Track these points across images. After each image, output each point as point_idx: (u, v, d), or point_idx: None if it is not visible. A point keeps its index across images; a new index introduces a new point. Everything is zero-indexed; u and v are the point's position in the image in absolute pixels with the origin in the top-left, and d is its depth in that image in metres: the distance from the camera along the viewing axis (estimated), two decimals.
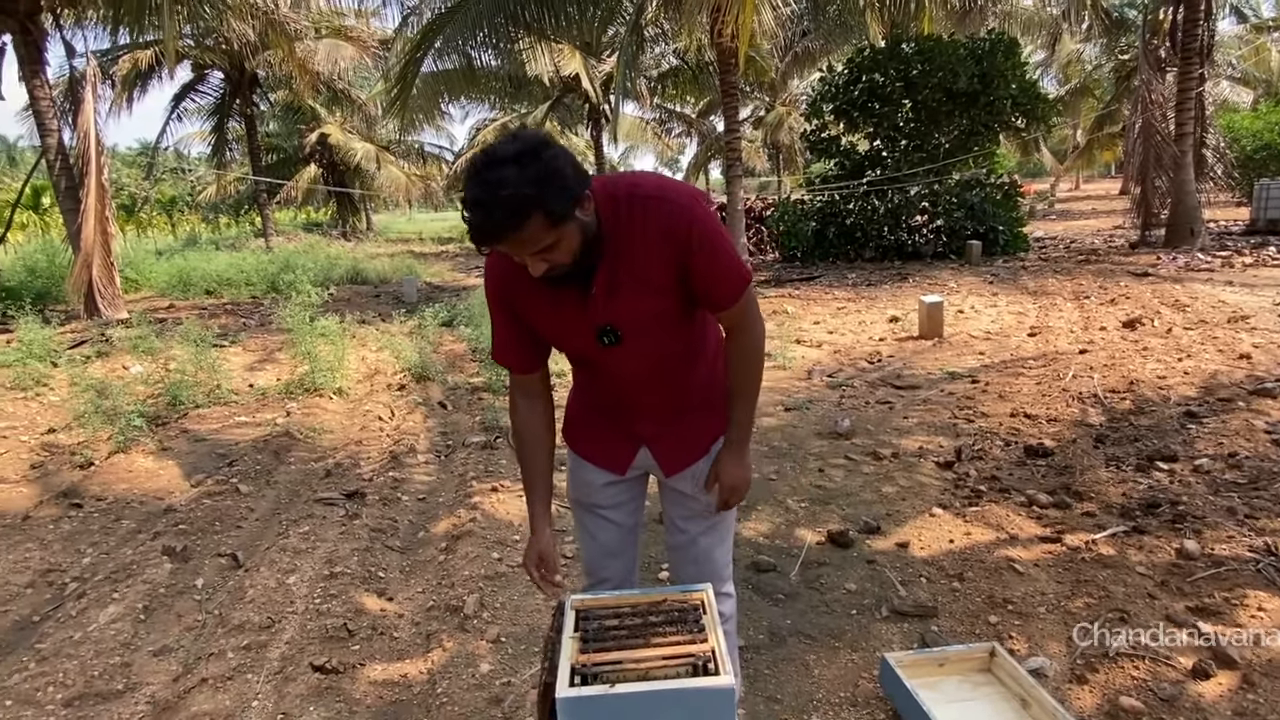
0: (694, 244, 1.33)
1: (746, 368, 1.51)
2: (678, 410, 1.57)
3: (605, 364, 1.48)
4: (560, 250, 1.24)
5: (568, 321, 1.42)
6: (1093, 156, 30.04)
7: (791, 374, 5.73)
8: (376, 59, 17.96)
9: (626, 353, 1.44)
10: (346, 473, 4.05)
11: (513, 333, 1.49)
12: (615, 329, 1.40)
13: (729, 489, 1.55)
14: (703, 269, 1.36)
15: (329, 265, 13.10)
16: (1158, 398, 4.45)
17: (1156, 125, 11.65)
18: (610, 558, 1.69)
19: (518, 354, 1.51)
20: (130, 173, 31.23)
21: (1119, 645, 2.19)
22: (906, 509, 3.26)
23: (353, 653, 2.41)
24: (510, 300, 1.45)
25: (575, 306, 1.38)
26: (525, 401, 1.56)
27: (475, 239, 1.19)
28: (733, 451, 1.55)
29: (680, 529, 1.66)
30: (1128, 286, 8.32)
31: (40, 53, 8.76)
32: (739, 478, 1.55)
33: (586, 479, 1.64)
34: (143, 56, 15.63)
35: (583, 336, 1.43)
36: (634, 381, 1.50)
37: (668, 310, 1.42)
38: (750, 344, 1.49)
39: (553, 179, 1.16)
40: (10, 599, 2.82)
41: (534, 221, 1.16)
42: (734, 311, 1.44)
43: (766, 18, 8.34)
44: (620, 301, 1.37)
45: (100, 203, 8.72)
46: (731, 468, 1.54)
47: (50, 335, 6.38)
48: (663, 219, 1.32)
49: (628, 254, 1.34)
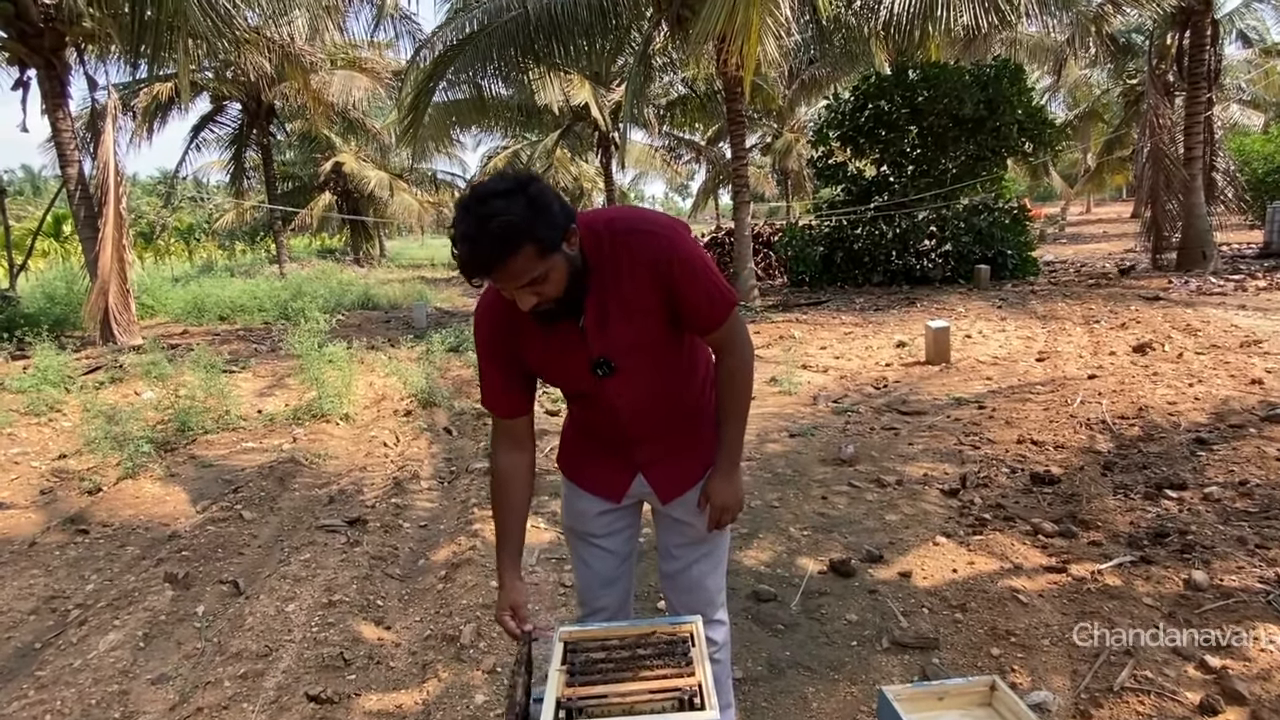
0: (676, 269, 1.36)
1: (735, 389, 1.53)
2: (673, 438, 1.58)
3: (600, 395, 1.50)
4: (549, 284, 1.27)
5: (562, 357, 1.44)
6: (1103, 180, 30.03)
7: (797, 399, 5.71)
8: (390, 89, 18.27)
9: (621, 383, 1.46)
10: (350, 499, 4.06)
11: (501, 378, 1.50)
12: (609, 360, 1.42)
13: (720, 509, 1.55)
14: (686, 293, 1.39)
15: (340, 291, 13.25)
16: (1168, 424, 4.40)
17: (1165, 149, 11.64)
18: (605, 586, 1.68)
19: (506, 399, 1.52)
20: (150, 201, 31.83)
21: (1124, 680, 2.14)
22: (910, 537, 3.22)
23: (348, 682, 2.40)
24: (503, 342, 1.46)
25: (568, 342, 1.41)
26: (508, 448, 1.55)
27: (466, 271, 1.22)
28: (723, 471, 1.55)
29: (674, 556, 1.66)
30: (1138, 311, 8.26)
31: (63, 86, 9.00)
32: (730, 497, 1.55)
33: (581, 508, 1.64)
34: (162, 89, 16.00)
35: (578, 370, 1.45)
36: (629, 411, 1.51)
37: (657, 338, 1.44)
38: (738, 365, 1.51)
39: (540, 212, 1.20)
40: (14, 625, 2.84)
41: (524, 253, 1.20)
42: (720, 334, 1.47)
43: (771, 47, 8.43)
44: (611, 332, 1.40)
45: (118, 231, 8.89)
46: (722, 487, 1.55)
47: (65, 361, 6.47)
48: (645, 249, 1.36)
49: (614, 286, 1.37)
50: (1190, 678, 2.14)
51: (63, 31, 8.73)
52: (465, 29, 10.49)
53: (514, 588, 1.52)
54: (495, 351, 1.48)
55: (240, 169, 21.04)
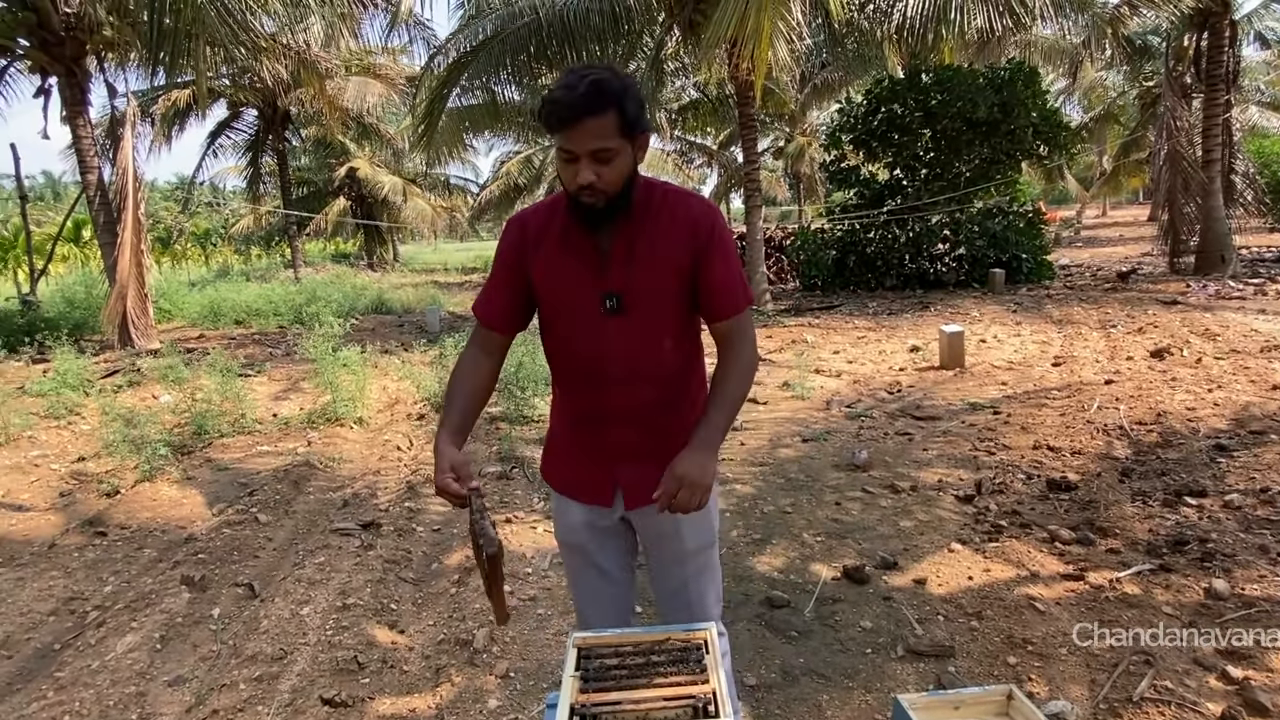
0: (713, 241, 1.43)
1: (732, 376, 1.44)
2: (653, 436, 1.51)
3: (596, 341, 1.45)
4: (611, 169, 1.33)
5: (575, 281, 1.45)
6: (1119, 183, 29.75)
7: (809, 404, 5.69)
8: (404, 95, 18.43)
9: (621, 328, 1.44)
10: (364, 503, 4.08)
11: (506, 292, 1.52)
12: (621, 297, 1.43)
13: (678, 479, 1.33)
14: (712, 267, 1.43)
15: (354, 295, 13.35)
16: (1186, 430, 4.35)
17: (1183, 151, 11.53)
18: (602, 604, 1.65)
19: (500, 310, 1.53)
20: (167, 206, 32.24)
21: (1144, 690, 2.12)
22: (925, 544, 3.20)
23: (362, 686, 2.41)
24: (521, 256, 1.49)
25: (589, 270, 1.44)
26: (477, 351, 1.54)
27: (555, 116, 1.29)
28: (695, 445, 1.37)
29: (669, 574, 1.61)
30: (1156, 315, 8.18)
31: (84, 94, 9.13)
32: (695, 470, 1.33)
33: (571, 521, 1.61)
34: (180, 96, 16.22)
35: (586, 299, 1.44)
36: (618, 371, 1.46)
37: (671, 295, 1.45)
38: (741, 358, 1.45)
39: (631, 92, 1.32)
40: (34, 626, 2.87)
41: (608, 116, 1.29)
42: (730, 325, 1.46)
43: (783, 51, 8.43)
44: (633, 270, 1.42)
45: (136, 237, 9.00)
46: (688, 458, 1.35)
47: (84, 365, 6.56)
48: (689, 210, 1.44)
49: (649, 231, 1.43)
50: (1211, 688, 2.11)
51: (83, 40, 8.87)
52: (479, 35, 10.57)
53: (452, 452, 1.39)
54: (510, 262, 1.50)
55: (256, 174, 21.27)
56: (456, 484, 1.36)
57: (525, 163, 25.12)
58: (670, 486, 1.34)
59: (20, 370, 7.34)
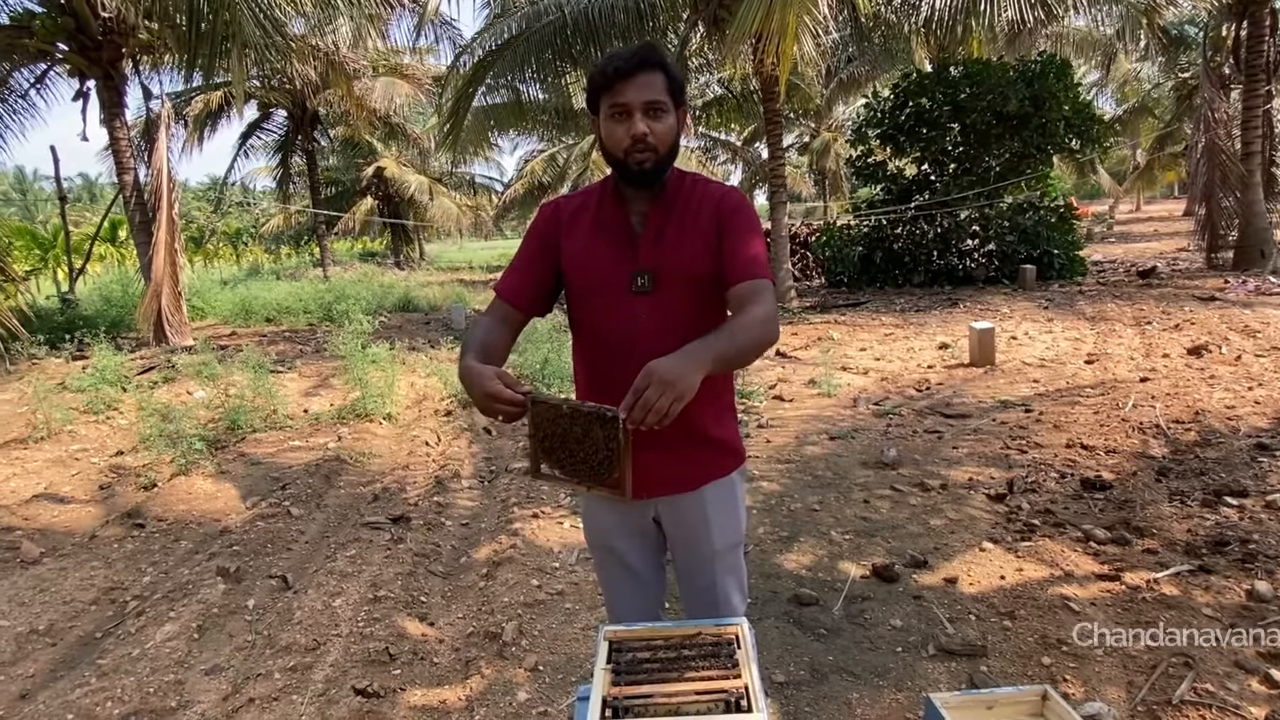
0: (738, 216, 1.47)
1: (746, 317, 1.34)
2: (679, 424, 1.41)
3: (625, 320, 1.45)
4: (662, 125, 1.40)
5: (609, 262, 1.47)
6: (1154, 177, 29.04)
7: (836, 402, 5.65)
8: (430, 95, 18.59)
9: (650, 307, 1.44)
10: (393, 497, 4.13)
11: (531, 271, 1.53)
12: (652, 275, 1.44)
13: (648, 373, 1.19)
14: (733, 237, 1.45)
15: (382, 294, 13.51)
16: (1226, 429, 4.24)
17: (1221, 144, 11.22)
18: (632, 602, 1.65)
19: (522, 286, 1.52)
20: (200, 206, 32.89)
21: (1184, 693, 2.07)
22: (955, 543, 3.16)
23: (394, 677, 2.44)
24: (554, 238, 1.51)
25: (621, 248, 1.47)
26: (492, 321, 1.50)
27: (609, 69, 1.37)
28: (679, 353, 1.23)
29: (698, 572, 1.60)
30: (1193, 312, 7.98)
31: (120, 96, 9.35)
32: (670, 367, 1.19)
33: (600, 523, 1.61)
34: (214, 97, 16.53)
35: (617, 278, 1.46)
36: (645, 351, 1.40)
37: (699, 273, 1.45)
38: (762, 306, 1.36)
39: (673, 64, 1.43)
40: (76, 615, 2.95)
41: (658, 74, 1.39)
42: (748, 285, 1.39)
43: (809, 46, 8.36)
44: (663, 248, 1.45)
45: (170, 236, 9.20)
46: (666, 360, 1.21)
47: (121, 361, 6.71)
48: (718, 192, 1.50)
49: (679, 212, 1.47)
50: (1254, 691, 2.06)
51: (120, 43, 9.08)
52: (504, 34, 10.62)
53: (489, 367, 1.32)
54: (539, 243, 1.53)
55: (286, 174, 21.62)
56: (507, 391, 1.26)
57: (549, 161, 25.20)
58: (640, 382, 1.19)
59: (61, 366, 7.53)
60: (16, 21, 9.01)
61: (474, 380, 1.29)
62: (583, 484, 1.35)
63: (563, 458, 1.32)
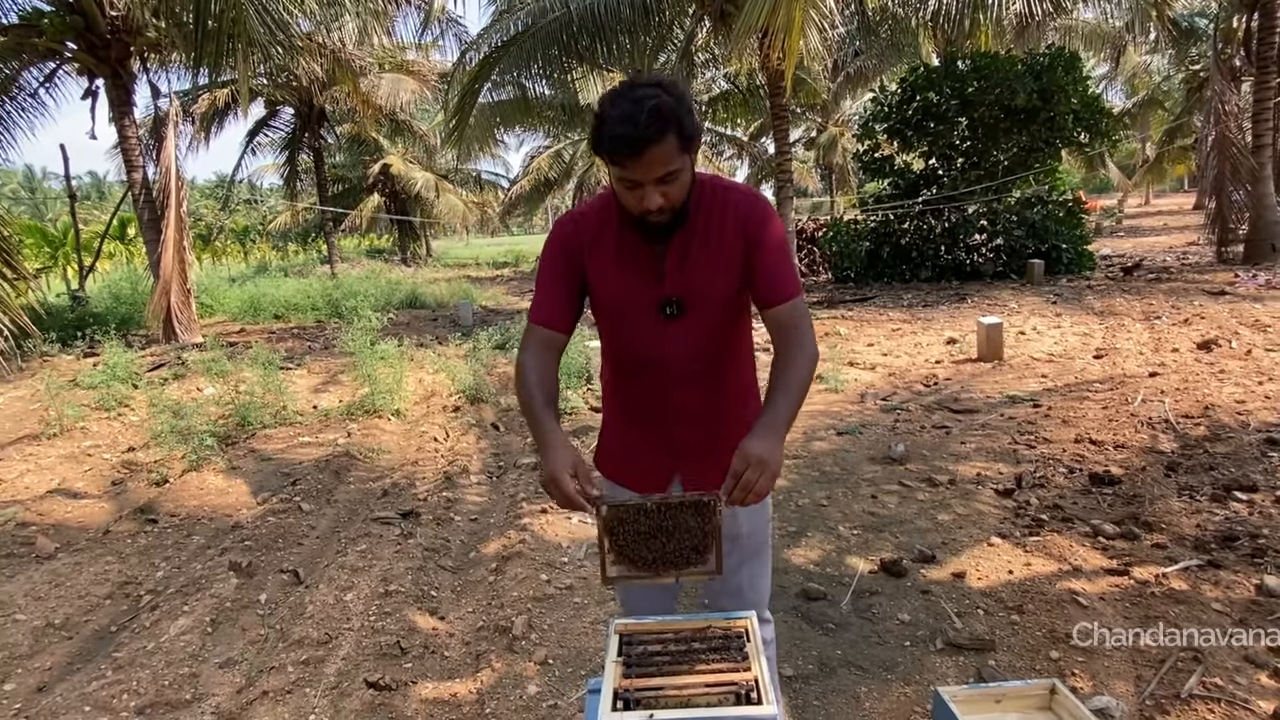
0: (765, 232, 1.43)
1: (795, 363, 1.39)
2: (713, 425, 1.54)
3: (656, 344, 1.48)
4: (677, 185, 1.33)
5: (633, 289, 1.46)
6: (1163, 170, 28.87)
7: (844, 397, 5.64)
8: (436, 91, 18.61)
9: (681, 330, 1.46)
10: (402, 492, 4.16)
11: (563, 295, 1.48)
12: (680, 301, 1.44)
13: (745, 458, 1.25)
14: (763, 253, 1.43)
15: (389, 290, 13.55)
16: (1235, 424, 4.22)
17: (1232, 137, 11.14)
18: (648, 591, 1.67)
19: (560, 313, 1.48)
20: (207, 204, 33.02)
21: (1192, 687, 2.07)
22: (963, 538, 3.16)
23: (405, 670, 2.47)
24: (575, 257, 1.47)
25: (646, 276, 1.45)
26: (541, 354, 1.46)
27: (617, 148, 1.27)
28: (761, 429, 1.29)
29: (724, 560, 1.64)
30: (1202, 306, 7.94)
31: (129, 95, 9.40)
32: (763, 448, 1.25)
33: None
34: (220, 95, 16.58)
35: (644, 307, 1.46)
36: (677, 370, 1.49)
37: (728, 292, 1.46)
38: (804, 345, 1.40)
39: (684, 106, 1.29)
40: (91, 609, 2.99)
41: (669, 139, 1.27)
42: (784, 311, 1.42)
43: (815, 40, 8.33)
44: (689, 273, 1.43)
45: (179, 234, 9.25)
46: (755, 443, 1.26)
47: (132, 359, 6.77)
48: (742, 206, 1.44)
49: (703, 232, 1.43)
50: (1263, 686, 2.06)
51: (128, 42, 9.12)
52: (510, 30, 10.63)
53: (568, 445, 1.32)
54: (562, 266, 1.48)
55: (293, 172, 21.67)
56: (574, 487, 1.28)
57: (555, 157, 25.19)
58: (738, 465, 1.26)
59: (72, 363, 7.59)
60: (25, 20, 9.07)
61: (550, 455, 1.32)
62: (669, 575, 1.33)
63: (644, 553, 1.29)
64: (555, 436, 1.35)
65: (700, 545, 1.29)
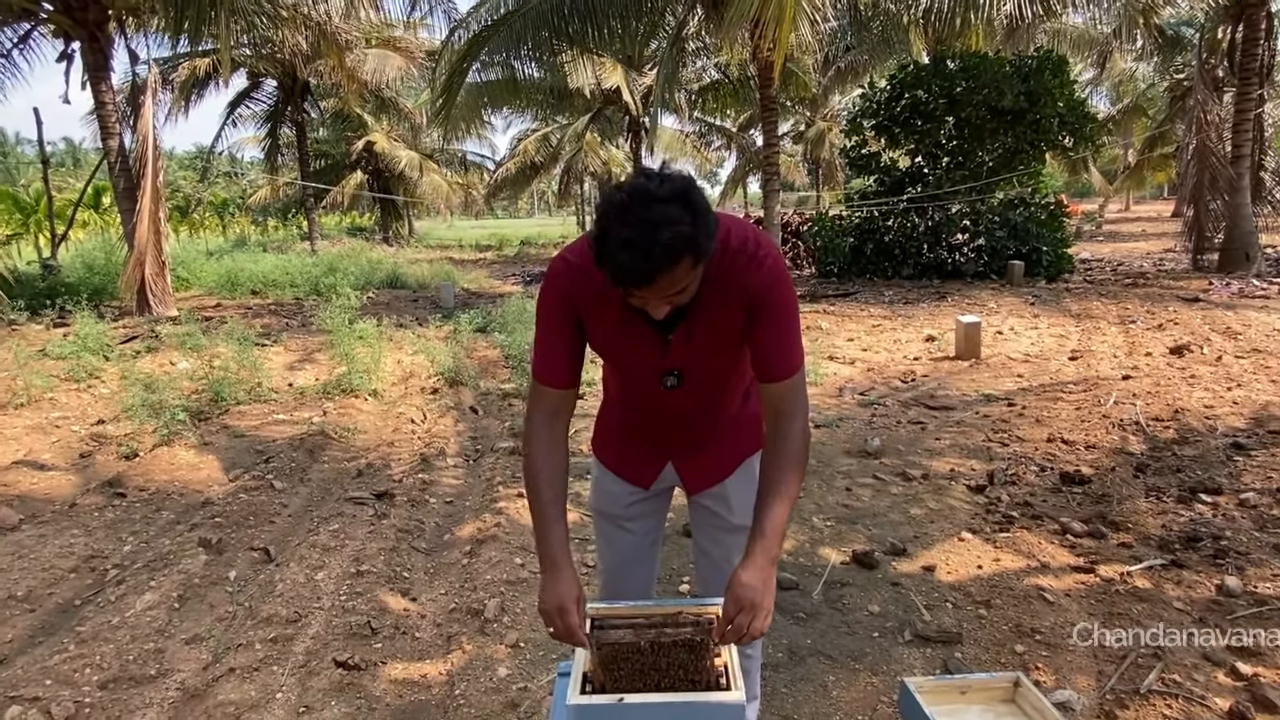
0: (768, 307, 1.32)
1: (788, 456, 1.34)
2: (708, 435, 1.58)
3: (658, 405, 1.50)
4: (686, 293, 1.22)
5: (637, 362, 1.43)
6: (1144, 177, 29.25)
7: (822, 390, 5.68)
8: (423, 69, 18.33)
9: (681, 394, 1.47)
10: (377, 473, 4.12)
11: (566, 351, 1.40)
12: (680, 373, 1.43)
13: (736, 601, 1.24)
14: (766, 330, 1.35)
15: (370, 269, 13.40)
16: (1204, 427, 4.31)
17: (1212, 146, 11.30)
18: (630, 567, 1.69)
19: (566, 371, 1.42)
20: (186, 175, 32.37)
21: (1151, 683, 2.12)
22: (934, 532, 3.20)
23: (375, 651, 2.45)
24: (573, 313, 1.39)
25: (649, 351, 1.40)
26: (550, 425, 1.42)
27: (622, 279, 1.14)
28: (755, 562, 1.26)
29: (713, 540, 1.65)
30: (1176, 312, 8.07)
31: (106, 59, 9.16)
32: (754, 589, 1.24)
33: (611, 490, 1.65)
34: (201, 64, 16.21)
35: (645, 374, 1.45)
36: (675, 418, 1.52)
37: (728, 357, 1.43)
38: (794, 431, 1.36)
39: (702, 223, 1.13)
40: (55, 582, 2.93)
41: (683, 265, 1.13)
42: (780, 389, 1.37)
43: (806, 32, 8.32)
44: (693, 348, 1.39)
45: (155, 204, 9.06)
46: (750, 580, 1.24)
47: (104, 330, 6.63)
48: (748, 276, 1.31)
49: (708, 304, 1.33)
50: (1220, 684, 2.11)
51: (106, 4, 8.88)
52: (500, 9, 10.48)
53: (565, 574, 1.30)
54: (564, 322, 1.39)
55: (275, 146, 21.28)
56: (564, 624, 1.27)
57: (543, 141, 24.98)
58: (730, 609, 1.24)
59: (41, 333, 7.43)
60: None
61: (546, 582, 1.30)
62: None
63: (639, 686, 1.29)
64: (561, 557, 1.32)
65: (695, 679, 1.29)
